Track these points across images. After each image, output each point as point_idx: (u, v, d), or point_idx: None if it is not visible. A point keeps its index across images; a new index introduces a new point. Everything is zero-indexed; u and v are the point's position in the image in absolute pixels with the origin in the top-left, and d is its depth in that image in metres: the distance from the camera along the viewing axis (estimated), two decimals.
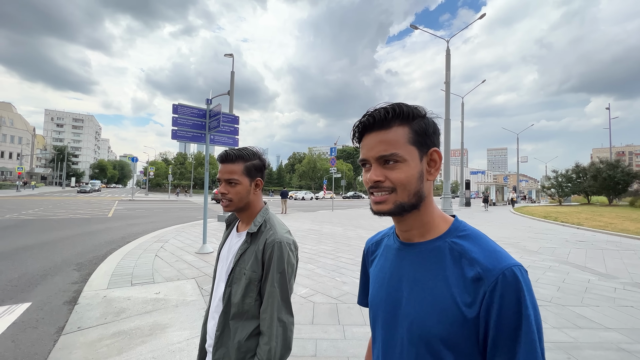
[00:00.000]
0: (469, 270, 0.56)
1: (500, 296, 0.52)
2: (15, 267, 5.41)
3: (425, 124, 0.62)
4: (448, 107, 17.72)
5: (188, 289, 4.23)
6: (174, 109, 6.40)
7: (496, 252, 0.57)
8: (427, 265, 0.61)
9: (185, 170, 64.72)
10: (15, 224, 10.75)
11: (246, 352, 0.99)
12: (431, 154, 0.63)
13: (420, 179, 0.61)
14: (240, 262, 1.06)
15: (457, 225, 0.64)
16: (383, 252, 0.73)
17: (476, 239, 0.60)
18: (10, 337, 2.96)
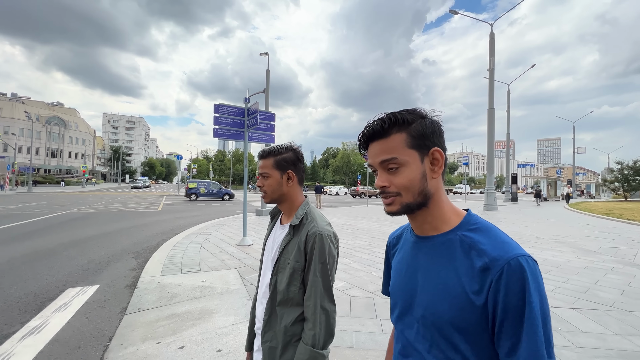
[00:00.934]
0: (478, 260, 0.59)
1: (506, 284, 0.55)
2: (84, 254, 6.12)
3: (423, 126, 0.65)
4: (492, 96, 16.56)
5: (231, 279, 4.49)
6: (215, 109, 6.75)
7: (504, 243, 0.60)
8: (439, 256, 0.66)
9: (225, 167, 67.93)
10: (83, 217, 12.13)
11: (292, 336, 1.06)
12: (432, 153, 0.66)
13: (423, 179, 0.65)
14: (284, 252, 1.12)
15: (469, 218, 0.67)
16: (402, 245, 0.79)
17: (486, 232, 0.63)
18: (84, 314, 3.39)
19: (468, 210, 0.71)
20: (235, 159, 67.16)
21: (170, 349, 2.61)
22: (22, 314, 3.38)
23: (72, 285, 4.29)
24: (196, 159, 68.37)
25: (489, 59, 16.48)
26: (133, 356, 2.52)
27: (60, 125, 68.64)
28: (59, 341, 2.82)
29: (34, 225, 9.67)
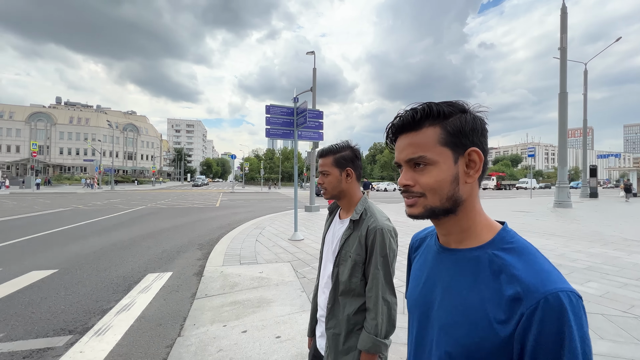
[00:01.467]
0: (508, 287, 0.51)
1: (540, 322, 0.46)
2: (159, 244, 6.94)
3: (462, 121, 0.57)
4: (564, 78, 14.68)
5: (285, 271, 4.72)
6: (266, 110, 7.10)
7: (543, 272, 0.50)
8: (462, 274, 0.58)
9: (274, 165, 70.73)
10: (155, 212, 13.70)
11: (354, 325, 1.11)
12: (469, 154, 0.58)
13: (454, 182, 0.57)
14: (345, 246, 1.18)
15: (504, 235, 0.58)
16: (424, 251, 0.72)
17: (523, 254, 0.54)
18: (163, 297, 3.87)
19: (504, 224, 0.61)
20: (283, 157, 69.52)
21: (235, 332, 2.86)
22: (115, 292, 3.98)
23: (151, 271, 4.90)
24: (248, 158, 72.39)
25: (561, 36, 14.59)
26: (204, 335, 2.81)
27: (134, 131, 78.00)
28: (145, 318, 3.27)
29: (118, 219, 11.20)
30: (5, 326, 3.04)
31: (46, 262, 5.35)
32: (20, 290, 4.00)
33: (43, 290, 4.04)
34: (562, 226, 9.01)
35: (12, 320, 3.18)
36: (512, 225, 9.22)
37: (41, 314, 3.32)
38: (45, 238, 7.43)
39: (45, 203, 17.19)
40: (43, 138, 63.89)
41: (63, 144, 66.61)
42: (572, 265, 4.83)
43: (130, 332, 2.95)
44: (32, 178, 33.41)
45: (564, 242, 6.64)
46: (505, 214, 12.38)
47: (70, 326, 3.06)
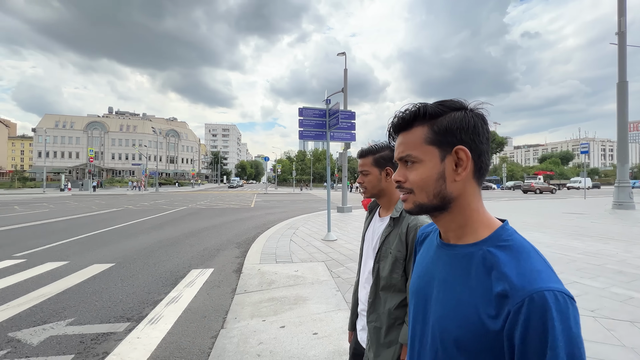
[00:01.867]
0: (497, 284, 0.52)
1: (525, 320, 0.47)
2: (200, 242, 7.37)
3: (450, 120, 0.59)
4: (623, 65, 13.29)
5: (320, 270, 4.79)
6: (299, 112, 7.25)
7: (533, 271, 0.50)
8: (457, 269, 0.60)
9: (305, 166, 71.64)
10: (195, 212, 14.53)
11: (395, 319, 1.13)
12: (456, 152, 0.59)
13: (440, 180, 0.59)
14: (386, 242, 1.20)
15: (501, 233, 0.58)
16: (427, 245, 0.74)
17: (517, 252, 0.54)
18: (206, 291, 4.12)
19: (505, 222, 0.62)
20: (314, 158, 70.14)
21: (274, 327, 2.97)
22: (164, 286, 4.31)
23: (195, 267, 5.23)
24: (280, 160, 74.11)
25: (618, 19, 13.21)
26: (245, 329, 2.96)
27: (175, 136, 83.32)
28: (191, 310, 3.51)
29: (163, 218, 12.05)
30: (75, 312, 3.43)
31: (104, 256, 5.93)
32: (85, 281, 4.48)
33: (104, 281, 4.49)
34: (623, 229, 8.14)
35: (81, 306, 3.58)
36: (562, 228, 8.50)
37: (103, 302, 3.70)
38: (103, 235, 8.22)
39: (100, 204, 18.97)
40: (98, 145, 70.51)
41: (114, 149, 73.01)
42: (636, 272, 4.36)
43: (179, 322, 3.19)
44: (90, 181, 37.02)
45: (625, 246, 6.01)
46: (554, 216, 11.45)
47: (128, 314, 3.38)
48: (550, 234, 7.50)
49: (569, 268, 4.61)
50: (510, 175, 69.18)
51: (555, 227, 8.62)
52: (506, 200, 22.36)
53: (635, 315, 2.97)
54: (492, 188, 49.82)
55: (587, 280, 4.05)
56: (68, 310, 3.48)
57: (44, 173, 36.91)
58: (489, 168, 0.62)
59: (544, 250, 5.75)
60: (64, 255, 5.96)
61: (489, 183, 51.13)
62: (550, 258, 5.20)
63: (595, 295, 3.53)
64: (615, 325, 2.78)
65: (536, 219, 10.75)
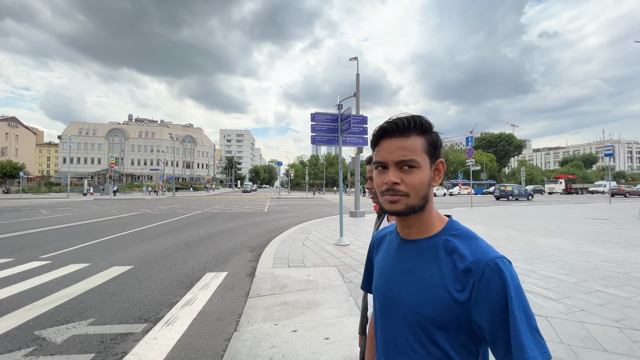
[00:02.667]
0: (460, 263, 0.65)
1: (487, 284, 0.61)
2: (214, 246, 7.50)
3: (435, 137, 0.71)
4: None
5: (332, 275, 4.79)
6: (312, 117, 7.32)
7: (482, 247, 0.65)
8: (423, 258, 0.70)
9: (318, 171, 71.77)
10: (210, 216, 14.81)
11: None
12: (437, 164, 0.72)
13: (429, 185, 0.69)
14: None
15: (451, 224, 0.72)
16: (386, 246, 0.82)
17: (467, 238, 0.68)
18: (220, 294, 4.19)
19: (450, 216, 0.75)
20: (327, 162, 70.19)
21: (286, 331, 2.99)
22: (180, 288, 4.41)
23: (209, 270, 5.33)
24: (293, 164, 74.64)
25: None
26: (258, 332, 2.99)
27: (191, 142, 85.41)
28: (205, 312, 3.57)
29: (180, 222, 12.34)
30: (96, 312, 3.56)
31: (123, 259, 6.13)
32: (105, 283, 4.65)
33: (123, 283, 4.64)
34: None
35: (101, 307, 3.71)
36: (585, 234, 8.17)
37: (122, 304, 3.82)
38: (122, 238, 8.50)
39: (120, 208, 19.62)
40: (118, 151, 73.16)
41: (134, 155, 75.51)
42: None
43: (194, 324, 3.25)
44: (110, 186, 38.37)
45: None
46: (576, 222, 11.00)
47: (145, 315, 3.48)
48: (572, 240, 7.21)
49: (592, 276, 4.42)
50: (530, 179, 66.90)
51: (577, 233, 8.28)
52: (525, 205, 21.62)
53: None
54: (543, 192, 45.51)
55: (612, 289, 3.87)
56: (89, 310, 3.61)
57: (68, 178, 38.56)
58: None
59: (565, 257, 5.55)
60: (86, 257, 6.20)
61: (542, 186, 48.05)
62: (572, 265, 5.00)
63: (621, 304, 3.37)
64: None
65: (556, 224, 10.35)
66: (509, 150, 74.45)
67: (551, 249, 6.35)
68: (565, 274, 4.53)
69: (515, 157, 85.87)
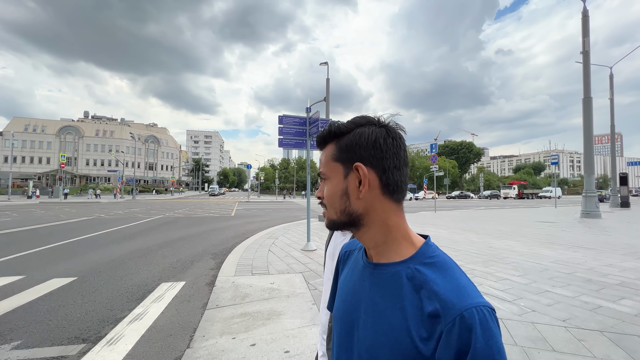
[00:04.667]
0: (428, 304, 0.51)
1: (458, 339, 0.47)
2: (174, 253, 7.04)
3: (351, 137, 0.59)
4: (588, 83, 14.15)
5: (297, 282, 4.65)
6: (279, 120, 7.17)
7: (460, 287, 0.51)
8: (385, 290, 0.57)
9: (289, 174, 71.27)
10: (172, 220, 14.00)
11: None
12: (355, 168, 0.57)
13: (344, 197, 0.59)
14: None
15: (425, 250, 0.57)
16: (352, 264, 0.70)
17: (442, 269, 0.54)
18: (174, 307, 3.88)
19: (427, 237, 0.61)
20: (298, 166, 69.96)
21: (244, 345, 2.80)
22: (129, 302, 4.02)
23: (165, 280, 4.95)
24: (263, 168, 73.37)
25: (583, 40, 14.13)
26: (213, 348, 2.77)
27: (155, 142, 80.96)
28: (156, 328, 3.27)
29: (137, 227, 11.51)
30: (23, 333, 3.11)
31: (67, 270, 5.52)
32: (40, 298, 4.12)
33: (62, 297, 4.15)
34: (591, 238, 8.50)
35: (31, 327, 3.26)
36: (535, 237, 8.74)
37: (58, 322, 3.39)
38: (68, 246, 7.70)
39: (70, 212, 17.95)
40: (71, 150, 67.36)
41: (89, 155, 69.93)
42: (603, 280, 4.50)
43: (141, 343, 2.95)
44: (60, 188, 35.13)
45: (594, 255, 6.24)
46: (528, 225, 11.84)
47: (84, 334, 3.11)
48: (524, 242, 7.71)
49: (541, 277, 4.70)
50: (487, 184, 71.71)
51: (528, 236, 8.89)
52: (484, 209, 23.02)
53: (605, 325, 3.02)
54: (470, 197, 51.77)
55: (559, 289, 4.13)
56: (15, 331, 3.15)
57: (9, 179, 34.70)
58: (401, 184, 0.59)
59: (518, 259, 5.88)
60: (20, 269, 5.51)
61: (467, 192, 53.35)
62: (524, 267, 5.30)
63: (566, 304, 3.58)
64: (585, 335, 2.81)
65: (510, 227, 11.07)
66: (469, 157, 79.33)
67: (506, 251, 6.72)
68: (518, 276, 4.78)
69: (475, 164, 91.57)
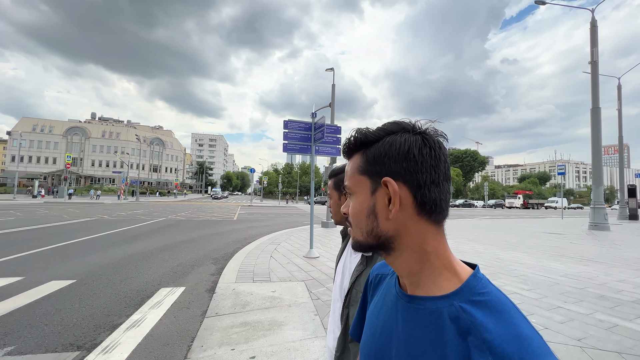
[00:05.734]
0: (478, 356, 0.40)
1: None
2: (175, 257, 6.95)
3: (380, 146, 0.49)
4: (596, 93, 14.00)
5: (299, 291, 4.53)
6: (284, 125, 7.12)
7: (521, 339, 0.39)
8: (422, 331, 0.46)
9: (292, 179, 71.26)
10: (174, 224, 13.95)
11: None
12: (384, 184, 0.48)
13: (371, 216, 0.49)
14: (357, 284, 1.02)
15: (474, 283, 0.46)
16: (383, 292, 0.60)
17: (497, 311, 0.42)
18: (173, 313, 3.78)
19: (475, 267, 0.49)
20: (301, 171, 69.97)
21: (243, 358, 2.69)
22: (127, 307, 3.93)
23: (165, 285, 4.86)
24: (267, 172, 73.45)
25: (591, 50, 14.02)
26: (211, 359, 2.67)
27: (160, 145, 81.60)
28: (153, 336, 3.17)
29: (139, 230, 11.46)
30: (17, 338, 3.03)
31: (66, 272, 5.45)
32: (37, 301, 4.05)
33: (59, 301, 4.06)
34: (601, 251, 8.28)
35: (25, 332, 3.17)
36: (543, 248, 8.52)
37: (53, 327, 3.31)
38: (69, 247, 7.65)
39: (74, 212, 17.99)
40: (77, 151, 68.07)
41: (95, 156, 70.60)
42: (618, 297, 4.33)
43: (137, 351, 2.85)
44: (65, 188, 35.37)
45: (605, 269, 6.05)
46: (534, 236, 11.62)
47: (80, 341, 3.01)
48: (532, 254, 7.52)
49: (552, 291, 4.54)
50: (492, 193, 71.12)
51: (536, 247, 8.68)
52: (488, 218, 22.73)
53: (623, 346, 2.87)
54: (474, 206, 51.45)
55: (571, 305, 3.97)
56: (10, 336, 3.07)
57: (16, 178, 35.01)
58: (441, 202, 0.48)
59: (526, 272, 5.71)
60: (20, 270, 5.45)
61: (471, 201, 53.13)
62: (534, 280, 5.14)
63: (581, 322, 3.43)
64: (603, 357, 2.66)
65: (517, 238, 10.86)
66: (473, 165, 78.83)
67: (514, 263, 6.55)
68: (527, 290, 4.62)
69: (479, 173, 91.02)
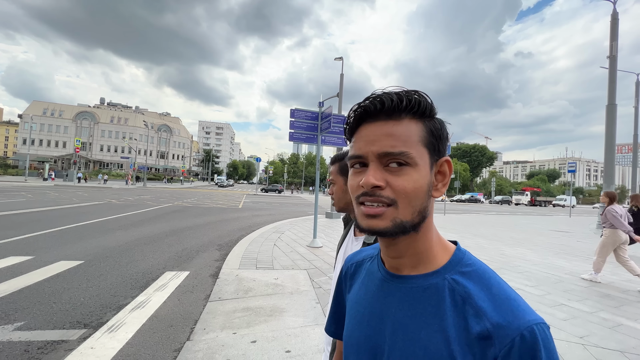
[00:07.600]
0: (475, 323, 0.42)
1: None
2: (180, 242, 7.05)
3: (439, 124, 0.48)
4: (613, 89, 13.56)
5: (301, 279, 4.57)
6: (291, 113, 7.07)
7: (510, 301, 0.43)
8: (419, 308, 0.47)
9: (298, 169, 71.33)
10: (181, 209, 14.12)
11: None
12: (442, 164, 0.49)
13: (428, 193, 0.47)
14: None
15: (461, 256, 0.49)
16: (364, 279, 0.57)
17: (484, 279, 0.46)
18: (177, 296, 3.85)
19: (456, 243, 0.52)
20: (307, 161, 69.97)
21: (244, 342, 2.74)
22: (133, 289, 4.01)
23: (170, 269, 4.94)
24: (272, 161, 73.66)
25: (610, 44, 13.51)
26: (213, 342, 2.71)
27: (168, 131, 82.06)
28: (157, 317, 3.24)
29: (146, 214, 11.64)
30: (27, 315, 3.12)
31: (74, 252, 5.57)
32: (46, 279, 4.15)
33: (67, 280, 4.17)
34: None
35: (35, 308, 3.27)
36: (548, 246, 8.44)
37: (61, 305, 3.39)
38: (78, 229, 7.81)
39: (83, 196, 18.32)
40: (86, 135, 68.88)
41: (104, 141, 71.41)
42: (623, 297, 4.28)
43: (141, 331, 2.91)
44: (74, 172, 35.98)
45: (611, 269, 5.96)
46: (540, 233, 11.50)
47: (86, 319, 3.09)
48: (537, 251, 7.45)
49: (556, 289, 4.50)
50: (499, 189, 70.29)
51: (541, 244, 8.59)
52: (494, 214, 22.54)
53: (626, 345, 2.84)
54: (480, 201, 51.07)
55: (575, 302, 3.94)
56: (20, 312, 3.16)
57: (27, 161, 35.67)
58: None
59: (531, 268, 5.66)
60: (31, 250, 5.58)
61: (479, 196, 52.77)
62: (538, 277, 5.10)
63: (584, 320, 3.40)
64: (605, 356, 2.64)
65: (522, 234, 10.76)
66: (482, 160, 77.87)
67: (518, 259, 6.50)
68: (531, 286, 4.59)
69: (487, 168, 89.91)
